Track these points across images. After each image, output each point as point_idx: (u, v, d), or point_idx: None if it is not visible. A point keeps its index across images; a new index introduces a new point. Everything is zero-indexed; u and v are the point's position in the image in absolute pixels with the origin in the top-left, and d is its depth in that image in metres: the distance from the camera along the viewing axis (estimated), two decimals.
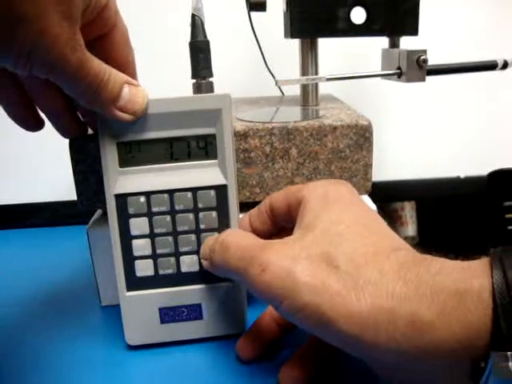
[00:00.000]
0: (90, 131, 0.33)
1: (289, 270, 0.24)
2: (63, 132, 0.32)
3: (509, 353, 0.19)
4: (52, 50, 0.22)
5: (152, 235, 0.31)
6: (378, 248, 0.24)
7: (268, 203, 0.31)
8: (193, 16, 0.34)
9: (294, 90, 0.49)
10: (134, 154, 0.30)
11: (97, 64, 0.25)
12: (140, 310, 0.32)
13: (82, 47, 0.24)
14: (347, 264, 0.23)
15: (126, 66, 0.29)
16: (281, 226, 0.31)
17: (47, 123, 0.31)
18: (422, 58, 0.40)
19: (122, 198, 0.30)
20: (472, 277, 0.21)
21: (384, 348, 0.21)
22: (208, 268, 0.30)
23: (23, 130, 0.30)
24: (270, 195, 0.32)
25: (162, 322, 0.32)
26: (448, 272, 0.21)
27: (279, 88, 0.54)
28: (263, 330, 0.31)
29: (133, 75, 0.30)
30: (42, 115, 0.31)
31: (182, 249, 0.31)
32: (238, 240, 0.28)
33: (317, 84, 0.45)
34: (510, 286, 0.20)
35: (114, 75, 0.26)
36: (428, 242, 0.86)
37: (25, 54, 0.22)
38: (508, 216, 0.24)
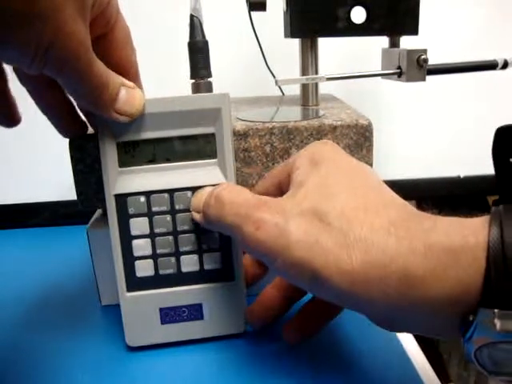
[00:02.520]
0: (90, 131, 0.33)
1: (282, 228, 0.24)
2: (63, 132, 0.32)
3: (496, 309, 0.19)
4: (67, 47, 0.22)
5: (152, 235, 0.31)
6: (369, 203, 0.24)
7: (269, 179, 0.31)
8: (191, 16, 0.34)
9: (294, 90, 0.49)
10: (134, 153, 0.30)
11: (100, 65, 0.25)
12: (140, 311, 0.32)
13: (90, 46, 0.24)
14: (339, 219, 0.23)
15: (129, 66, 0.29)
16: None
17: (47, 123, 0.31)
18: (422, 57, 0.40)
19: (121, 198, 0.30)
20: (468, 233, 0.21)
21: (376, 302, 0.22)
22: (200, 221, 0.29)
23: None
24: (254, 187, 0.32)
25: (163, 322, 0.32)
26: (443, 227, 0.21)
27: (279, 88, 0.54)
28: (268, 300, 0.32)
29: (135, 75, 0.30)
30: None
31: (183, 248, 0.31)
32: (233, 196, 0.27)
33: (317, 84, 0.45)
34: (505, 244, 0.19)
35: (112, 77, 0.26)
36: None
37: (42, 51, 0.22)
38: None
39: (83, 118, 0.32)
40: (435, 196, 0.68)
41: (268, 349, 0.32)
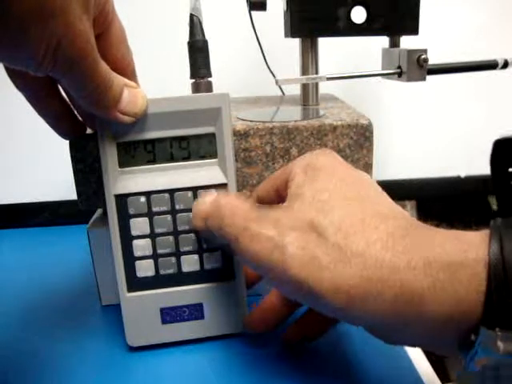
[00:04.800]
0: (89, 131, 0.33)
1: (277, 242, 0.24)
2: (62, 134, 0.32)
3: (498, 330, 0.19)
4: (75, 45, 0.22)
5: (153, 235, 0.31)
6: (367, 216, 0.23)
7: (255, 196, 0.31)
8: (191, 16, 0.34)
9: (295, 90, 0.49)
10: (134, 153, 0.30)
11: (104, 65, 0.25)
12: (141, 311, 0.32)
13: (95, 45, 0.24)
14: (335, 234, 0.23)
15: (125, 66, 0.29)
16: None
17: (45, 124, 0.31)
18: (423, 57, 0.40)
19: (122, 199, 0.30)
20: (467, 249, 0.20)
21: (373, 318, 0.22)
22: (200, 229, 0.29)
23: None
24: (255, 189, 0.32)
25: (163, 322, 0.32)
26: (442, 242, 0.21)
27: (279, 87, 0.54)
28: (271, 306, 0.31)
29: (132, 75, 0.29)
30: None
31: (183, 248, 0.31)
32: (233, 207, 0.27)
33: (317, 83, 0.45)
34: (506, 260, 0.19)
35: (116, 77, 0.26)
36: None
37: (51, 51, 0.21)
38: None
39: (80, 119, 0.32)
40: (435, 196, 0.68)
41: (269, 348, 0.32)
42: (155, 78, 0.44)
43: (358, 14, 0.41)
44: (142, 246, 0.31)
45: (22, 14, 0.20)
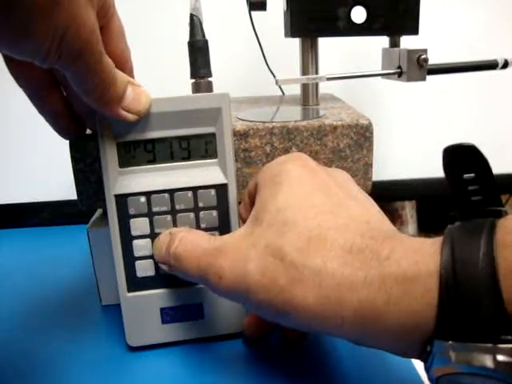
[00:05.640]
0: (88, 131, 0.33)
1: (241, 272, 0.24)
2: (62, 133, 0.32)
3: (450, 342, 0.19)
4: (80, 36, 0.22)
5: (153, 235, 0.31)
6: (324, 229, 0.23)
7: (247, 191, 0.30)
8: (191, 16, 0.34)
9: (295, 90, 0.49)
10: (134, 153, 0.30)
11: (108, 59, 0.25)
12: (141, 311, 0.32)
13: (100, 37, 0.24)
14: (292, 254, 0.23)
15: (124, 62, 0.29)
16: None
17: (47, 123, 0.31)
18: (423, 57, 0.40)
19: (122, 199, 0.30)
20: (422, 260, 0.20)
21: (336, 333, 0.22)
22: (170, 272, 0.29)
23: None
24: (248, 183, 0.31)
25: (163, 322, 0.32)
26: (398, 256, 0.21)
27: (279, 87, 0.54)
28: None
29: (130, 73, 0.29)
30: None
31: None
32: (189, 249, 0.27)
33: (317, 83, 0.45)
34: (457, 270, 0.19)
35: (119, 74, 0.26)
36: None
37: (57, 40, 0.21)
38: (471, 188, 0.23)
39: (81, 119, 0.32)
40: (435, 196, 0.68)
41: (269, 348, 0.32)
42: (155, 78, 0.44)
43: (358, 14, 0.41)
44: (142, 246, 0.31)
45: (27, 3, 0.19)
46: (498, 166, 0.69)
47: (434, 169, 0.65)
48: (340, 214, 0.24)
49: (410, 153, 0.65)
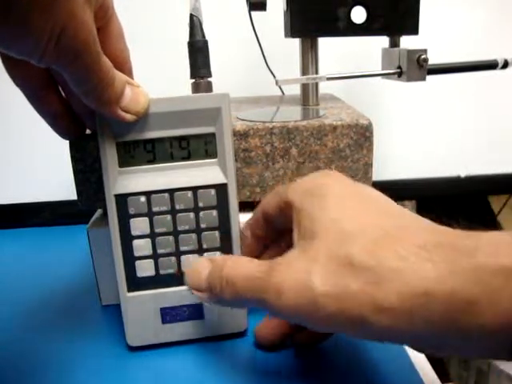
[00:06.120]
0: (88, 131, 0.33)
1: (305, 287, 0.22)
2: (61, 134, 0.32)
3: None
4: (78, 35, 0.22)
5: (152, 235, 0.31)
6: (390, 230, 0.22)
7: (260, 210, 0.30)
8: (191, 16, 0.34)
9: (295, 90, 0.49)
10: (134, 153, 0.30)
11: (106, 59, 0.25)
12: (141, 311, 0.32)
13: (97, 37, 0.24)
14: (361, 257, 0.21)
15: (122, 63, 0.28)
16: (279, 229, 0.30)
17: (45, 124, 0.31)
18: (423, 57, 0.40)
19: (122, 198, 0.30)
20: None
21: (421, 333, 0.20)
22: (207, 301, 0.28)
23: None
24: (262, 201, 0.31)
25: (163, 322, 0.32)
26: (488, 247, 0.20)
27: (279, 87, 0.54)
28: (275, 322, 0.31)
29: (129, 73, 0.29)
30: None
31: (183, 248, 0.31)
32: (240, 271, 0.26)
33: (317, 83, 0.45)
34: None
35: (117, 74, 0.26)
36: None
37: (54, 39, 0.21)
38: None
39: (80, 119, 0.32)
40: (435, 196, 0.68)
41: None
42: (155, 78, 0.44)
43: (358, 14, 0.41)
44: (142, 246, 0.31)
45: (25, 2, 0.19)
46: (498, 166, 0.69)
47: (434, 169, 0.65)
48: (397, 218, 0.24)
49: (410, 153, 0.65)
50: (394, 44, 0.43)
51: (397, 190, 0.66)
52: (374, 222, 0.23)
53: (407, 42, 0.43)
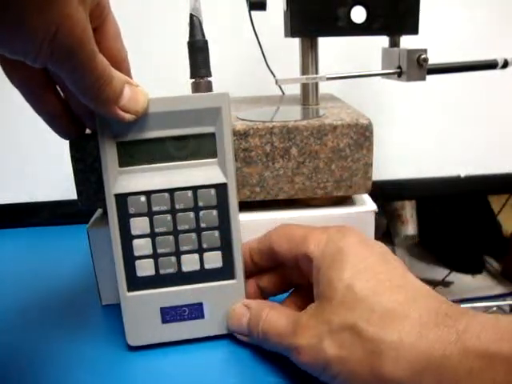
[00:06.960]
0: (88, 131, 0.33)
1: (318, 348, 0.26)
2: (61, 133, 0.32)
3: None
4: (73, 34, 0.22)
5: (152, 235, 0.31)
6: (396, 304, 0.24)
7: (269, 246, 0.32)
8: (191, 16, 0.34)
9: (295, 89, 0.49)
10: (134, 153, 0.30)
11: (103, 58, 0.25)
12: (141, 311, 0.32)
13: (92, 36, 0.23)
14: (368, 329, 0.24)
15: (120, 62, 0.28)
16: (282, 263, 0.32)
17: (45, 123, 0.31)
18: (423, 57, 0.40)
19: (122, 198, 0.30)
20: (507, 337, 0.21)
21: None
22: (249, 341, 0.32)
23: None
24: (269, 234, 0.33)
25: (164, 321, 0.32)
26: (475, 330, 0.21)
27: (279, 87, 0.54)
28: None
29: (127, 72, 0.29)
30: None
31: (183, 248, 0.31)
32: (273, 327, 0.29)
33: (317, 83, 0.45)
34: None
35: (116, 73, 0.26)
36: (428, 240, 0.86)
37: (49, 38, 0.21)
38: None
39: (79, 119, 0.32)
40: (435, 196, 0.68)
41: None
42: (155, 78, 0.44)
43: (358, 14, 0.41)
44: (141, 246, 0.31)
45: (21, 2, 0.20)
46: (498, 166, 0.69)
47: (434, 169, 0.65)
48: (406, 286, 0.26)
49: (410, 152, 0.65)
50: (394, 44, 0.43)
51: (397, 190, 0.66)
52: (385, 291, 0.25)
53: (407, 41, 0.43)
